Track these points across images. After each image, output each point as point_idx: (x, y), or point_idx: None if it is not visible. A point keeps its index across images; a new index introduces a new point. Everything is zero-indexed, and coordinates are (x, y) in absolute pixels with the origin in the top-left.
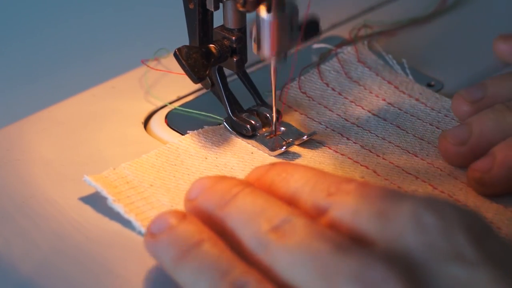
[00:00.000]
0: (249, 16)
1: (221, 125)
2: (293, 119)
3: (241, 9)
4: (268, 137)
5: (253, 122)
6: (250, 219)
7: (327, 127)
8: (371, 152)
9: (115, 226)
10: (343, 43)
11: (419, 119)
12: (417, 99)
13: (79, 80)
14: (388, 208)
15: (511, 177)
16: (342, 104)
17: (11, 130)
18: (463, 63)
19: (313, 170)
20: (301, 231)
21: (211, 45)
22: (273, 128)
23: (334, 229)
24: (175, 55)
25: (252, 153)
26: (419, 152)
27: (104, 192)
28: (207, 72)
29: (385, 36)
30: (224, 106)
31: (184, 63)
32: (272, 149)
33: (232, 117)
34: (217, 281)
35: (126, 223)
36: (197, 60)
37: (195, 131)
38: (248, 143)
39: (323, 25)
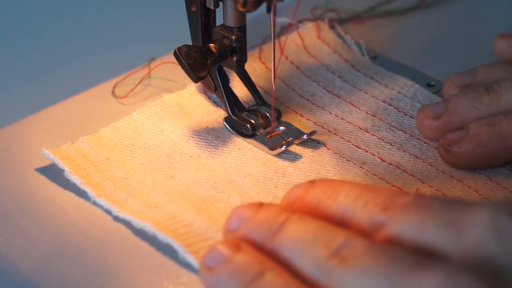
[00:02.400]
0: (249, 15)
1: (181, 92)
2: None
3: (241, 9)
4: (268, 136)
5: (253, 121)
6: (306, 246)
7: (282, 103)
8: (323, 128)
9: (115, 226)
10: (304, 19)
11: (373, 96)
12: (371, 78)
13: (79, 80)
14: (457, 218)
15: (478, 152)
16: (299, 79)
17: (11, 130)
18: (463, 63)
19: (360, 184)
20: (363, 252)
21: (211, 44)
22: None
23: (396, 245)
24: (175, 54)
25: (207, 127)
26: (370, 128)
27: (61, 165)
28: (206, 72)
29: (353, 24)
30: (224, 105)
31: (184, 62)
32: (272, 148)
33: (232, 116)
34: None
35: (126, 223)
36: (197, 60)
37: (154, 102)
38: (249, 143)
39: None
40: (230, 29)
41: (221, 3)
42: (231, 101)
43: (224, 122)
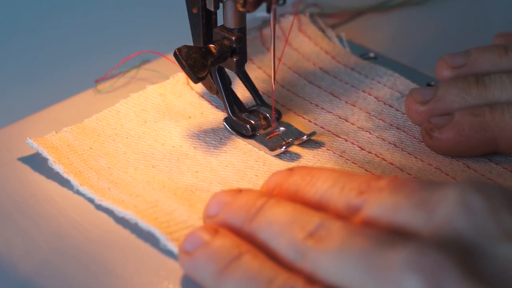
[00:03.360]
0: (249, 15)
1: (164, 83)
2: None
3: (241, 9)
4: (268, 137)
5: (253, 122)
6: (283, 229)
7: (263, 93)
8: (304, 118)
9: (115, 226)
10: (286, 12)
11: (353, 86)
12: (352, 69)
13: (79, 80)
14: (428, 198)
15: (458, 140)
16: (280, 70)
17: (11, 130)
18: None
19: (338, 171)
20: (338, 233)
21: (211, 45)
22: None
23: (371, 226)
24: (175, 55)
25: (190, 117)
26: (349, 117)
27: (45, 154)
28: (207, 72)
29: (336, 19)
30: (224, 106)
31: (184, 63)
32: (272, 148)
33: (232, 117)
34: None
35: (126, 224)
36: (197, 60)
37: (137, 93)
38: (249, 143)
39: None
40: (230, 30)
41: (221, 5)
42: (231, 101)
43: (224, 123)
